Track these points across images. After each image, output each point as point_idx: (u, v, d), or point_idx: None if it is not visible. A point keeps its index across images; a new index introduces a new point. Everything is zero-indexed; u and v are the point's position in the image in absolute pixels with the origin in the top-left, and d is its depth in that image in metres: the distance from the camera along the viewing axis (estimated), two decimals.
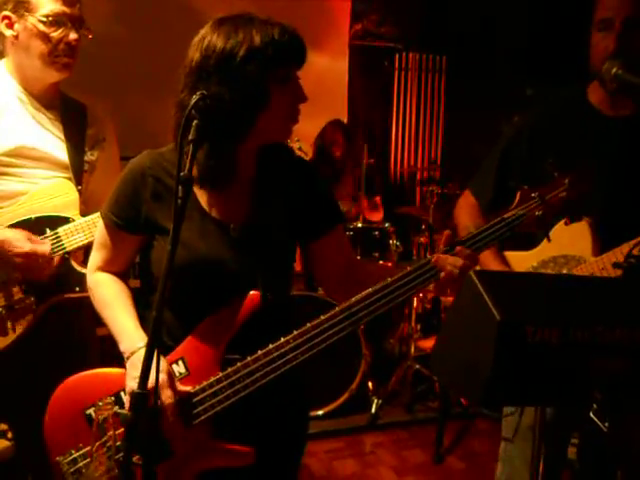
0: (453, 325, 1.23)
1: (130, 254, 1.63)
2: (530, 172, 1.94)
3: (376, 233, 4.20)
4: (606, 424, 1.31)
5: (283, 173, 1.60)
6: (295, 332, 1.44)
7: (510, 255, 2.03)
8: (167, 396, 1.42)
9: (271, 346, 1.44)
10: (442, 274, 1.41)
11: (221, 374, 1.46)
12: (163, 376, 1.42)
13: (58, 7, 1.99)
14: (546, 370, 1.12)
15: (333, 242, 1.65)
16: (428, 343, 4.53)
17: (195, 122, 1.27)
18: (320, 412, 3.76)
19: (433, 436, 3.63)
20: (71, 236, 2.06)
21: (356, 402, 3.89)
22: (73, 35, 2.02)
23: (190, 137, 1.27)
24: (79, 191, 2.10)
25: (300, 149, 3.44)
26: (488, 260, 1.98)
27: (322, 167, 4.66)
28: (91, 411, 1.49)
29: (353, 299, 1.43)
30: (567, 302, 1.17)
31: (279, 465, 1.65)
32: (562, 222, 1.85)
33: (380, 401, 3.96)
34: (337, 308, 1.44)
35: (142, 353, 1.37)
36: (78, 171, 2.12)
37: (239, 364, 1.45)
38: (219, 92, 1.37)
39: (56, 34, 1.99)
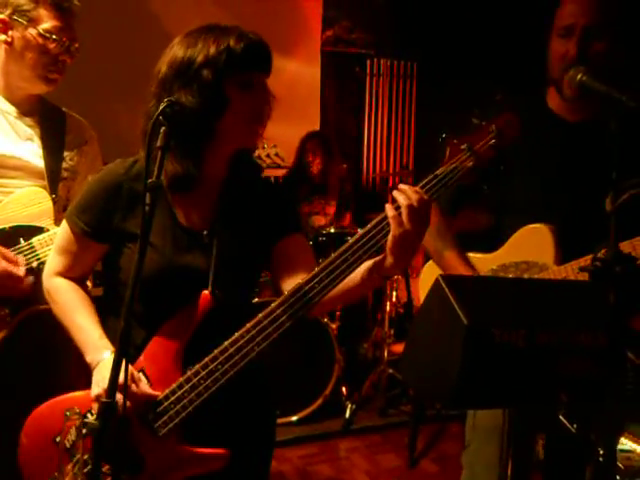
0: (421, 329, 1.23)
1: (92, 261, 1.62)
2: (494, 175, 1.97)
3: (348, 238, 4.20)
4: (574, 425, 1.33)
5: (250, 184, 1.63)
6: (248, 324, 1.42)
7: (473, 257, 2.01)
8: (129, 392, 1.40)
9: (226, 343, 1.43)
10: (394, 222, 1.32)
11: (181, 379, 1.45)
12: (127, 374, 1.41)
13: (59, 24, 1.98)
14: (513, 372, 1.13)
15: (293, 249, 1.63)
16: (401, 347, 4.53)
17: (163, 129, 1.27)
18: (294, 418, 3.76)
19: (407, 440, 3.65)
20: (45, 246, 2.03)
21: (330, 407, 3.90)
22: (69, 55, 2.02)
23: (158, 144, 1.27)
24: (54, 200, 2.08)
25: (277, 155, 3.44)
26: (454, 262, 1.96)
27: (302, 184, 4.67)
28: (60, 438, 1.45)
29: (301, 280, 1.41)
30: (533, 305, 1.19)
31: (249, 468, 1.64)
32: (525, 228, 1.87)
33: (354, 406, 3.97)
34: (286, 292, 1.42)
35: (107, 362, 1.38)
36: (54, 179, 2.09)
37: (198, 366, 1.44)
38: (179, 98, 1.39)
39: (53, 49, 1.98)
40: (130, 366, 1.46)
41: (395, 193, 1.36)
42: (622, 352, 1.20)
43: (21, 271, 1.97)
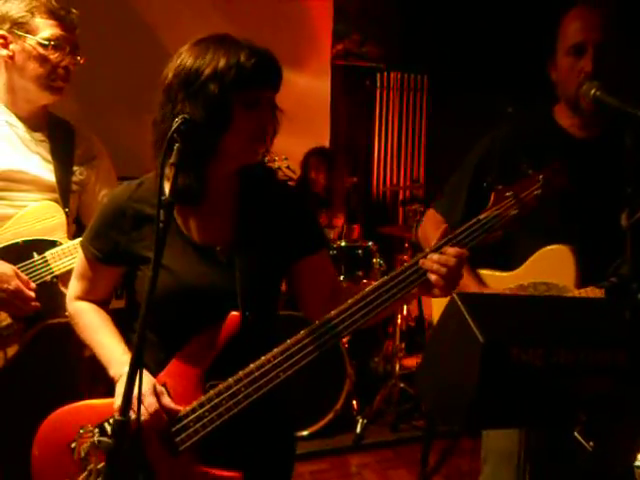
0: (436, 347, 1.22)
1: (110, 284, 1.64)
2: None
3: (359, 252, 4.20)
4: (591, 444, 1.31)
5: (267, 195, 1.60)
6: (275, 350, 1.42)
7: (486, 275, 1.99)
8: (150, 403, 1.40)
9: (252, 366, 1.42)
10: (432, 276, 1.38)
11: (204, 398, 1.44)
12: (149, 386, 1.41)
13: (59, 32, 1.99)
14: (530, 392, 1.12)
15: (315, 265, 1.63)
16: (413, 361, 4.52)
17: (177, 146, 1.27)
18: (305, 432, 3.74)
19: (419, 456, 3.60)
20: (58, 260, 2.04)
21: (341, 422, 3.86)
22: (71, 60, 2.03)
23: (172, 160, 1.26)
24: (66, 213, 2.09)
25: (288, 167, 3.45)
26: (464, 279, 1.93)
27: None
28: (75, 444, 1.47)
29: (333, 312, 1.42)
30: (550, 323, 1.18)
31: None
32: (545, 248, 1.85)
33: (365, 421, 3.93)
34: (317, 322, 1.43)
35: None
36: (65, 192, 2.11)
37: (221, 386, 1.43)
38: (183, 109, 1.37)
39: (54, 57, 1.99)
40: (153, 379, 1.46)
41: (427, 265, 1.39)
42: None
43: (31, 293, 1.99)
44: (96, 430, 1.38)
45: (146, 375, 1.44)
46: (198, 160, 1.43)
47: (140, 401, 1.24)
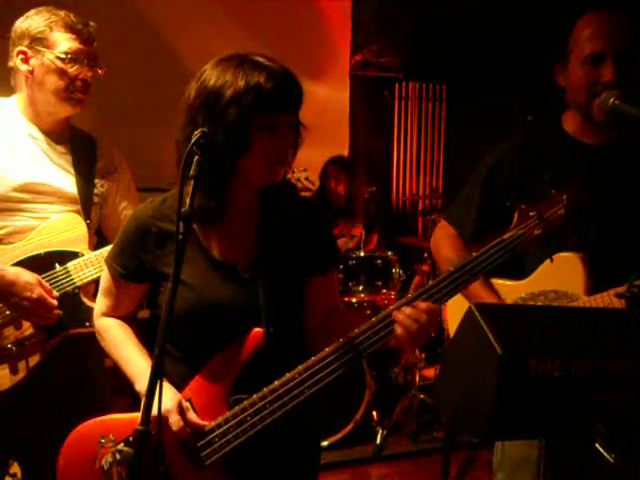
0: (454, 359, 1.22)
1: (135, 301, 1.65)
2: (516, 202, 1.95)
3: (379, 262, 4.19)
4: (612, 456, 1.30)
5: (287, 211, 1.60)
6: (300, 367, 1.43)
7: (498, 284, 1.98)
8: (174, 420, 1.41)
9: (277, 383, 1.43)
10: (399, 330, 1.38)
11: (228, 414, 1.45)
12: (173, 402, 1.42)
13: (76, 45, 2.03)
14: (549, 402, 1.11)
15: (323, 285, 1.64)
16: (432, 372, 4.50)
17: (196, 158, 1.28)
18: (325, 443, 3.73)
19: (439, 467, 3.58)
20: (80, 271, 2.07)
21: (361, 433, 3.86)
22: (89, 73, 2.06)
23: (192, 172, 1.27)
24: (88, 225, 2.12)
25: (307, 179, 3.46)
26: (477, 290, 1.92)
27: (326, 208, 4.68)
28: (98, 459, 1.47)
29: (356, 330, 1.42)
30: (569, 334, 1.17)
31: None
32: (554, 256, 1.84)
33: (385, 431, 3.92)
34: (341, 339, 1.43)
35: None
36: (87, 204, 2.14)
37: (246, 402, 1.44)
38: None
39: (72, 70, 2.03)
40: (179, 394, 1.47)
41: (399, 318, 1.39)
42: None
43: (54, 301, 2.01)
44: (117, 442, 1.38)
45: (172, 391, 1.45)
46: (218, 179, 1.44)
47: (160, 413, 1.25)
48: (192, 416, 1.45)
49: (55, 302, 2.01)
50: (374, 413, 4.02)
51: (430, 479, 3.63)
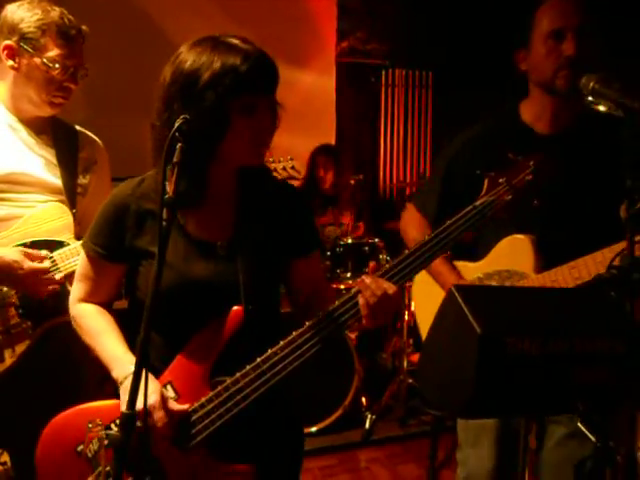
0: (435, 339, 1.24)
1: (113, 285, 1.64)
2: (474, 186, 2.02)
3: (366, 248, 4.22)
4: (594, 434, 1.32)
5: (265, 193, 1.61)
6: (281, 342, 1.44)
7: (460, 265, 2.09)
8: (159, 417, 1.41)
9: (259, 359, 1.44)
10: (360, 300, 1.41)
11: (211, 393, 1.46)
12: (156, 397, 1.42)
13: (65, 52, 2.02)
14: (528, 381, 1.13)
15: (306, 267, 1.66)
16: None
17: (179, 145, 1.29)
18: (314, 429, 3.76)
19: (427, 450, 3.62)
20: (66, 259, 2.07)
21: (350, 418, 3.89)
22: (73, 81, 2.06)
23: (175, 160, 1.28)
24: (73, 214, 2.12)
25: (293, 168, 3.45)
26: (440, 267, 2.05)
27: (314, 197, 4.69)
28: (82, 447, 1.48)
29: (337, 302, 1.45)
30: (547, 314, 1.19)
31: None
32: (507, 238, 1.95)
33: (374, 416, 3.96)
34: (320, 314, 1.45)
35: None
36: (72, 194, 2.14)
37: (228, 381, 1.45)
38: (181, 114, 1.36)
39: (58, 77, 2.02)
40: (158, 384, 1.46)
41: (361, 286, 1.41)
42: None
43: (46, 264, 2.02)
44: (103, 425, 1.40)
45: (153, 383, 1.43)
46: (198, 164, 1.44)
47: (145, 408, 1.25)
48: (174, 406, 1.45)
49: (47, 265, 2.02)
50: (363, 398, 4.06)
51: (418, 462, 3.67)
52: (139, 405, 1.21)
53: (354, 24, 5.60)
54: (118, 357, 1.53)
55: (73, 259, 2.07)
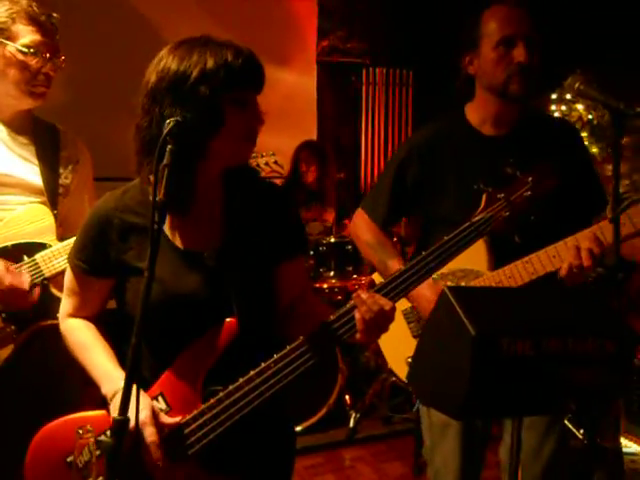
0: (428, 341, 1.25)
1: (100, 298, 1.61)
2: (426, 189, 2.09)
3: (349, 247, 4.22)
4: (581, 431, 1.34)
5: (251, 197, 1.58)
6: (275, 356, 1.43)
7: None
8: (150, 433, 1.39)
9: (252, 372, 1.42)
10: (356, 315, 1.38)
11: (204, 406, 1.43)
12: (146, 412, 1.39)
13: (38, 37, 1.98)
14: (522, 382, 1.14)
15: (291, 271, 1.62)
16: None
17: (169, 147, 1.27)
18: (298, 428, 3.76)
19: (412, 447, 3.64)
20: (49, 262, 2.04)
21: (334, 417, 3.89)
22: (51, 66, 2.02)
23: (165, 162, 1.25)
24: (55, 215, 2.09)
25: (276, 162, 3.45)
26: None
27: (297, 192, 4.68)
28: (72, 458, 1.43)
29: (332, 316, 1.43)
30: (539, 314, 1.20)
31: None
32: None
33: (358, 415, 3.97)
34: (315, 328, 1.43)
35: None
36: (53, 194, 2.10)
37: (221, 394, 1.43)
38: (171, 114, 1.35)
39: (34, 63, 1.99)
40: (148, 399, 1.43)
41: (357, 301, 1.39)
42: (630, 358, 1.21)
43: (26, 284, 1.99)
44: (94, 432, 1.37)
45: (143, 400, 1.39)
46: (187, 165, 1.41)
47: (138, 410, 1.23)
48: (166, 419, 1.43)
49: (27, 287, 1.99)
50: (347, 397, 4.06)
51: (403, 460, 3.68)
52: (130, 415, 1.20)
53: (334, 23, 5.60)
54: (107, 373, 1.50)
55: (56, 261, 2.04)
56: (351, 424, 3.92)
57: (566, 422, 1.31)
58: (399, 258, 2.07)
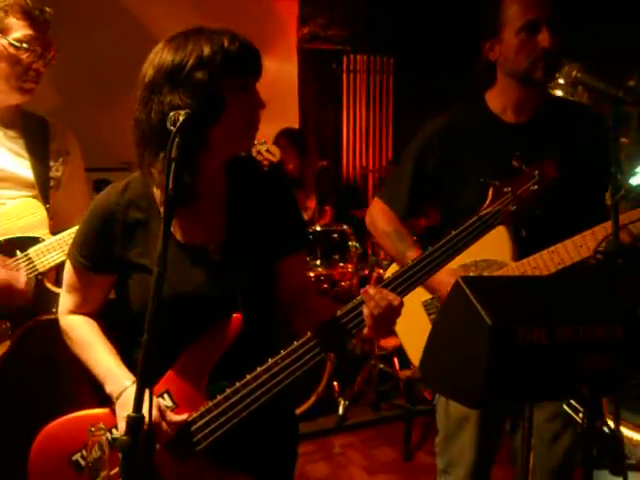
0: (442, 331, 1.25)
1: (101, 295, 1.58)
2: (446, 177, 2.06)
3: (335, 235, 4.22)
4: (580, 415, 1.36)
5: (255, 189, 1.57)
6: (283, 352, 1.42)
7: None
8: (160, 431, 1.38)
9: (259, 369, 1.41)
10: (365, 310, 1.38)
11: (211, 403, 1.42)
12: (154, 412, 1.37)
13: (31, 32, 1.95)
14: (536, 369, 1.15)
15: (294, 265, 1.61)
16: (390, 342, 4.57)
17: (177, 140, 1.25)
18: None
19: (401, 433, 3.68)
20: (43, 256, 2.01)
21: (323, 404, 3.90)
22: (42, 63, 1.99)
23: (172, 155, 1.23)
24: (47, 209, 2.06)
25: (268, 151, 3.42)
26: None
27: None
28: (78, 457, 1.44)
29: (339, 311, 1.42)
30: (551, 302, 1.21)
31: None
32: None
33: (347, 402, 3.99)
34: (322, 323, 1.42)
35: (131, 392, 1.29)
36: (45, 188, 2.08)
37: (228, 391, 1.42)
38: (171, 103, 1.33)
39: (26, 58, 1.95)
40: (155, 400, 1.41)
41: (365, 297, 1.39)
42: (638, 342, 1.22)
43: (22, 279, 1.96)
44: (106, 430, 1.35)
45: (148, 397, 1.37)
46: (190, 156, 1.37)
47: (151, 408, 1.22)
48: (173, 417, 1.42)
49: (22, 283, 1.96)
50: (335, 384, 4.08)
51: (393, 445, 3.71)
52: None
53: (315, 10, 5.57)
54: (111, 371, 1.48)
55: (50, 255, 2.02)
56: (340, 411, 3.94)
57: (564, 406, 1.32)
58: (418, 248, 2.04)
